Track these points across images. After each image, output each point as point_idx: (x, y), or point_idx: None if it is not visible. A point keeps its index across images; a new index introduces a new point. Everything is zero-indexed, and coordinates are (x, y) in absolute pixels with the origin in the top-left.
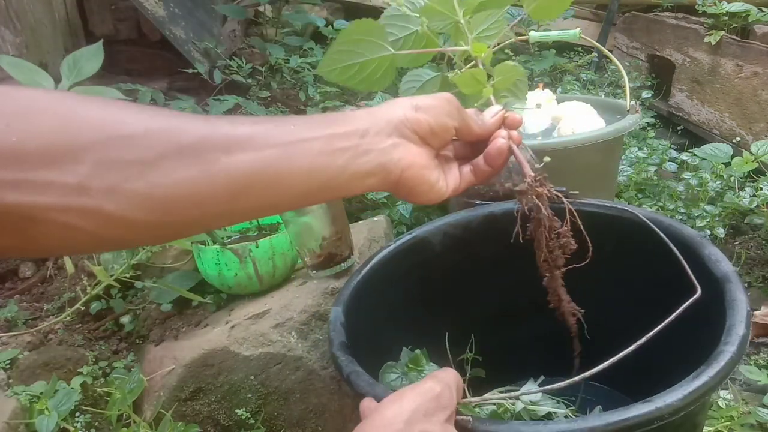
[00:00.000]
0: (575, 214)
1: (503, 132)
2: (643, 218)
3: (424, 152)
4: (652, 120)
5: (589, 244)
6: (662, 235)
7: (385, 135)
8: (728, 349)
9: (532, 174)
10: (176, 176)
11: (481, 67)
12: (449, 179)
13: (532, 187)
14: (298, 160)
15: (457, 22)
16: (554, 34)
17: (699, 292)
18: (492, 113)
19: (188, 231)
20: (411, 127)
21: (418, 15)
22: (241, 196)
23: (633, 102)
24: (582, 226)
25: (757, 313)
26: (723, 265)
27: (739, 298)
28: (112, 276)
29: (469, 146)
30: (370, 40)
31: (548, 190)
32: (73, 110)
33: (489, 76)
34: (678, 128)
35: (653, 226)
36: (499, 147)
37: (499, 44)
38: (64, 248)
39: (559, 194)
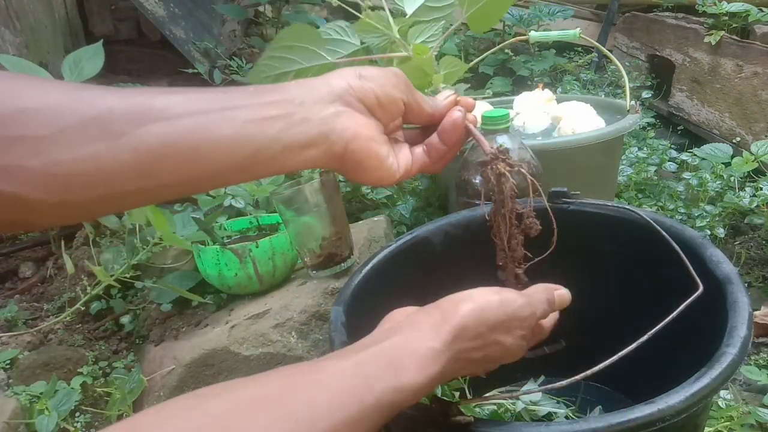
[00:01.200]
0: (540, 190)
1: (458, 107)
2: (647, 218)
3: (372, 124)
4: (652, 120)
5: (555, 236)
6: (666, 235)
7: (326, 103)
8: (730, 351)
9: (492, 149)
10: (76, 152)
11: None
12: (400, 159)
13: (495, 158)
14: (220, 129)
15: (392, 39)
16: (554, 34)
17: (701, 288)
18: (444, 96)
19: (96, 211)
20: (356, 95)
21: (351, 39)
22: (153, 172)
23: (633, 102)
24: (552, 215)
25: (757, 313)
26: (724, 266)
27: (740, 299)
28: (112, 276)
29: (421, 134)
30: (305, 47)
31: (509, 162)
32: None
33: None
34: (678, 128)
35: (657, 227)
36: (455, 119)
37: (498, 44)
38: None
39: (521, 166)
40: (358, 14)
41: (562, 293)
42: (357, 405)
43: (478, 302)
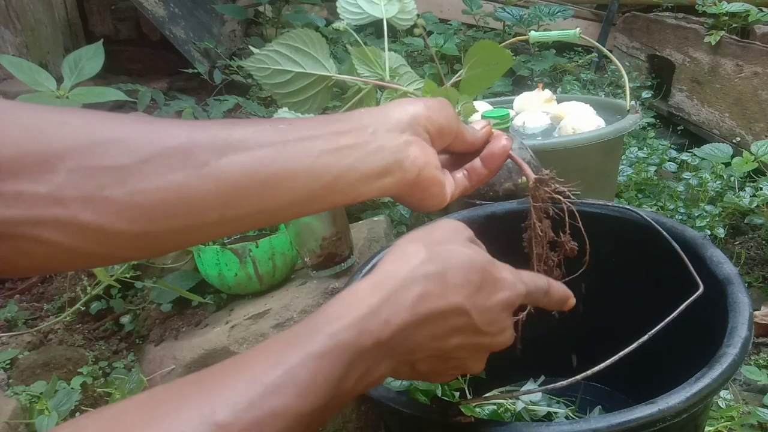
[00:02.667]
0: (577, 217)
1: (500, 133)
2: (648, 219)
3: (434, 153)
4: (652, 120)
5: (588, 249)
6: (667, 235)
7: (397, 132)
8: (730, 352)
9: (534, 176)
10: (160, 181)
11: None
12: (448, 185)
13: (539, 186)
14: (298, 160)
15: (383, 77)
16: (554, 34)
17: (702, 288)
18: (481, 125)
19: (176, 243)
20: (424, 125)
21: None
22: (234, 201)
23: (633, 102)
24: (583, 230)
25: (757, 313)
26: (725, 266)
27: (741, 300)
28: (112, 276)
29: (454, 159)
30: (310, 53)
31: (553, 191)
32: (46, 118)
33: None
34: (678, 128)
35: (658, 227)
36: (503, 145)
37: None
38: (38, 266)
39: (567, 192)
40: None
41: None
42: (280, 369)
43: (409, 234)
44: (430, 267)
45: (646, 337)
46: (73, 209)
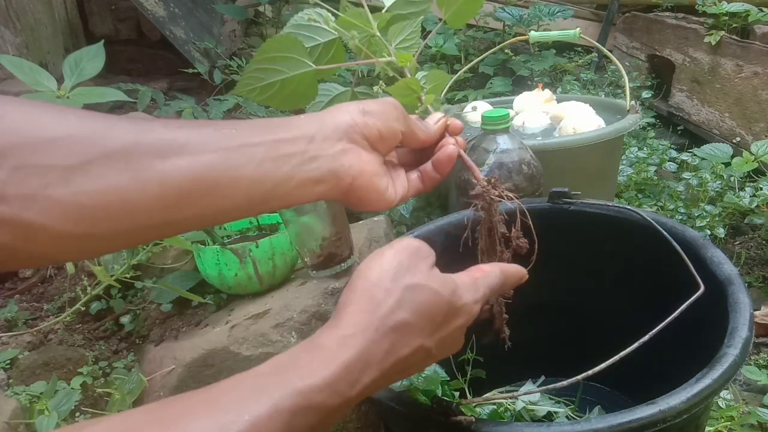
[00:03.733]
0: (527, 214)
1: (451, 139)
2: (648, 219)
3: (374, 158)
4: (652, 120)
5: (536, 244)
6: (668, 236)
7: (334, 140)
8: (731, 352)
9: (484, 178)
10: (104, 182)
11: (408, 75)
12: (398, 186)
13: (486, 189)
14: (240, 167)
15: (372, 35)
16: (554, 34)
17: (702, 288)
18: (435, 120)
19: (118, 244)
20: (360, 132)
21: (329, 27)
22: (177, 204)
23: (633, 102)
24: (532, 227)
25: (757, 313)
26: (725, 267)
27: (741, 300)
28: (112, 276)
29: (413, 153)
30: (289, 56)
31: (501, 192)
32: None
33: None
34: (678, 128)
35: (659, 227)
36: (449, 153)
37: (498, 44)
38: None
39: (512, 195)
40: (336, 12)
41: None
42: (246, 419)
43: (366, 264)
44: (399, 315)
45: (646, 337)
46: (15, 207)
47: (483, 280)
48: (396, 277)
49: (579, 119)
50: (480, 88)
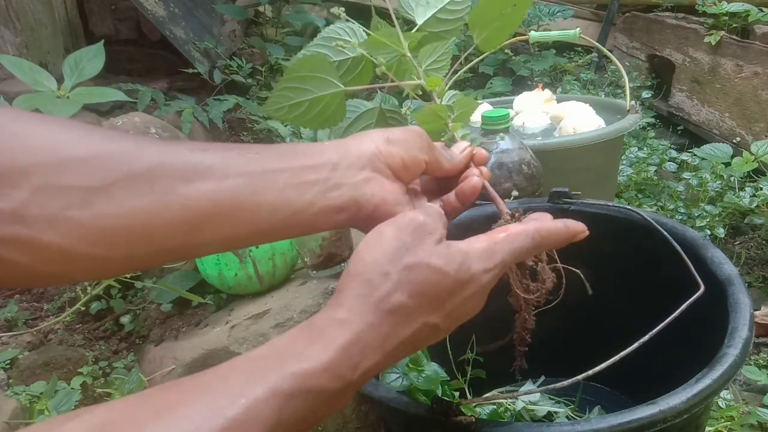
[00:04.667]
0: (554, 251)
1: (475, 170)
2: (649, 219)
3: (396, 188)
4: (652, 120)
5: (563, 280)
6: (668, 236)
7: (357, 168)
8: (731, 352)
9: (507, 212)
10: (126, 205)
11: (437, 100)
12: None
13: (510, 221)
14: (263, 192)
15: (403, 55)
16: (554, 34)
17: (702, 288)
18: (460, 149)
19: (134, 266)
20: (384, 161)
21: (354, 50)
22: (198, 228)
23: (633, 102)
24: (558, 262)
25: (757, 313)
26: (726, 267)
27: (742, 300)
28: None
29: (436, 181)
30: (318, 76)
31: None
32: (12, 130)
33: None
34: (678, 128)
35: (659, 227)
36: (474, 185)
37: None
38: None
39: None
40: (357, 13)
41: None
42: (243, 402)
43: (365, 242)
44: (396, 298)
45: (646, 337)
46: (35, 229)
47: (503, 244)
48: (394, 258)
49: (579, 119)
50: (480, 88)
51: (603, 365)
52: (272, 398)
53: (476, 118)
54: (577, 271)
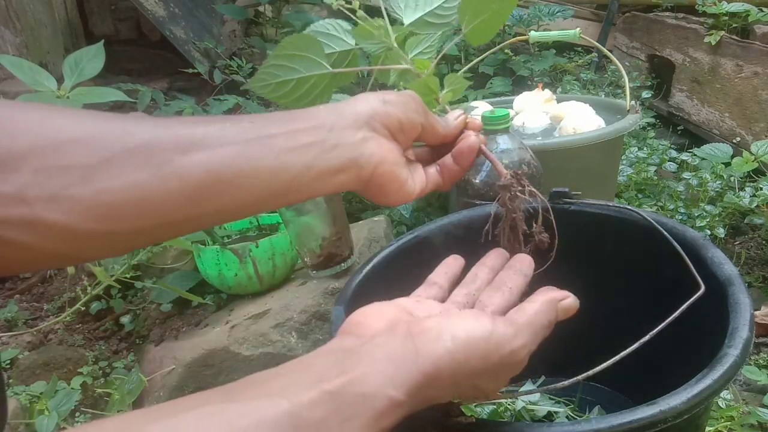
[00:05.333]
0: (550, 210)
1: (471, 132)
2: (649, 219)
3: (395, 148)
4: (652, 120)
5: (556, 239)
6: (668, 236)
7: (354, 129)
8: (732, 353)
9: (508, 171)
10: (125, 179)
11: None
12: (417, 180)
13: (511, 182)
14: (259, 158)
15: (389, 48)
16: (554, 34)
17: (703, 288)
18: (455, 116)
19: (141, 241)
20: (381, 121)
21: (346, 36)
22: (198, 199)
23: (633, 102)
24: (554, 223)
25: (757, 313)
26: (726, 267)
27: (742, 300)
28: (112, 276)
29: (431, 151)
30: (306, 56)
31: (526, 186)
32: (7, 117)
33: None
34: (678, 128)
35: (659, 227)
36: (471, 143)
37: (498, 44)
38: (1, 267)
39: (535, 191)
40: (355, 18)
41: (567, 304)
42: None
43: (462, 343)
44: (438, 394)
45: (646, 337)
46: (38, 209)
47: (528, 325)
48: (473, 376)
49: (579, 119)
50: (480, 88)
51: (603, 365)
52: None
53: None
54: (546, 234)
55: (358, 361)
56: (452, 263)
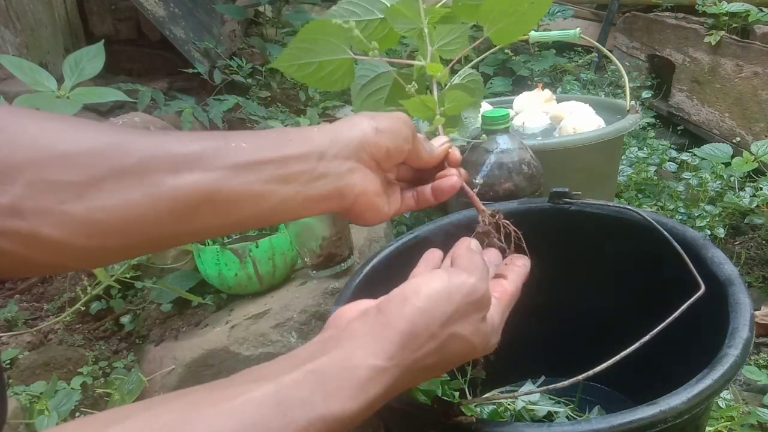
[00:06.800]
0: (522, 240)
1: (454, 170)
2: (649, 219)
3: (376, 179)
4: (652, 120)
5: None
6: (668, 236)
7: (343, 158)
8: (732, 353)
9: (488, 212)
10: (117, 199)
11: (435, 88)
12: (392, 205)
13: (488, 230)
14: (249, 184)
15: (421, 29)
16: (554, 34)
17: (703, 288)
18: (440, 143)
19: (129, 255)
20: (369, 152)
21: (379, 11)
22: (187, 218)
23: (633, 102)
24: (526, 249)
25: (757, 313)
26: (726, 267)
27: (742, 300)
28: (112, 276)
29: (412, 170)
30: (328, 40)
31: (505, 228)
32: (7, 126)
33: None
34: (678, 128)
35: (659, 227)
36: (452, 184)
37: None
38: None
39: (514, 229)
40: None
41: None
42: None
43: (424, 296)
44: (432, 359)
45: (647, 337)
46: (33, 222)
47: (507, 309)
48: (446, 323)
49: (579, 119)
50: None
51: (603, 365)
52: None
53: (476, 122)
54: (518, 232)
55: (338, 343)
56: (430, 257)
